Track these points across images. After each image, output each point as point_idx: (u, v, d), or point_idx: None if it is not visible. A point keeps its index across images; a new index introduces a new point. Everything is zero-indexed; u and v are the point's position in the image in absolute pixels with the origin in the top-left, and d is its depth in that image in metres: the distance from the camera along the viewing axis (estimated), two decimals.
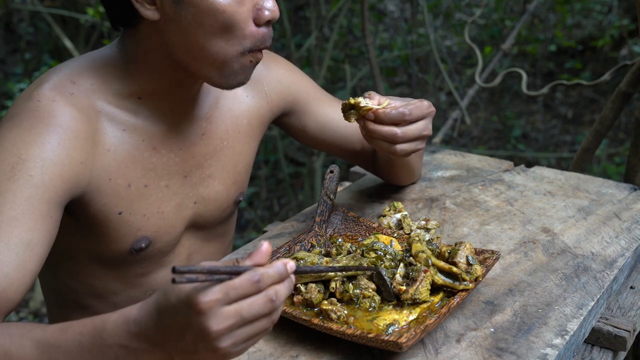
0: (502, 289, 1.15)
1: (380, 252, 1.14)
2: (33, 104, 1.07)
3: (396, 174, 1.49)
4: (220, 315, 0.76)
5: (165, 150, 1.20)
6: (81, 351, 0.84)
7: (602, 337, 1.12)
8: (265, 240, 0.82)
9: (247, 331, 0.78)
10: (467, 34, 2.78)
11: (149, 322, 0.80)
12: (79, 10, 4.57)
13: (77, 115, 1.08)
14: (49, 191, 1.02)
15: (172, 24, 1.06)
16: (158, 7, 1.05)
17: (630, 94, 1.79)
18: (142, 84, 1.15)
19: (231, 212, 1.38)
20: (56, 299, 1.32)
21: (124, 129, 1.15)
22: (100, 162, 1.12)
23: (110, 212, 1.15)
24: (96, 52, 1.19)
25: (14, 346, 0.87)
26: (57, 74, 1.12)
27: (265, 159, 4.64)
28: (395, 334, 0.98)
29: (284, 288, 0.79)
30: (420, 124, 1.18)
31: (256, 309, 0.77)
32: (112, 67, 1.14)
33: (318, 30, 3.90)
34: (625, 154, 4.24)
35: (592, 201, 1.46)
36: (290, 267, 0.80)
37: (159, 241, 1.22)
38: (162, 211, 1.21)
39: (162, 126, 1.19)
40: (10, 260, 0.95)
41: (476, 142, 4.93)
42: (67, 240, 1.18)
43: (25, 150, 1.02)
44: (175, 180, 1.22)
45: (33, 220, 0.99)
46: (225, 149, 1.30)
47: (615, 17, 5.31)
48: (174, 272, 0.74)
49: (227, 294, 0.76)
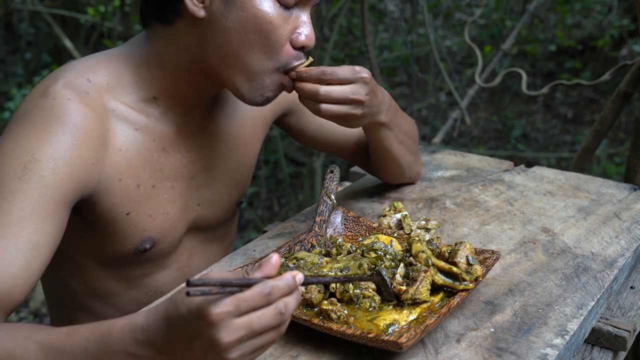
0: (502, 289, 1.15)
1: (381, 252, 1.14)
2: (48, 102, 1.06)
3: (383, 166, 1.47)
4: (231, 327, 0.76)
5: (173, 151, 1.20)
6: (86, 356, 0.84)
7: (602, 337, 1.12)
8: (275, 253, 0.83)
9: (256, 343, 0.79)
10: (467, 34, 2.78)
11: (157, 330, 0.80)
12: (79, 10, 4.57)
13: (91, 115, 1.08)
14: (58, 192, 1.01)
15: (216, 25, 1.07)
16: (206, 4, 1.06)
17: (630, 93, 1.79)
18: (161, 83, 1.15)
19: (233, 213, 1.38)
20: (57, 299, 1.32)
21: (136, 128, 1.14)
22: (110, 162, 1.11)
23: (118, 212, 1.15)
24: (114, 49, 1.18)
25: (18, 349, 0.87)
26: (71, 71, 1.11)
27: (265, 159, 4.64)
28: (395, 334, 0.98)
29: (293, 300, 0.80)
30: (346, 87, 1.14)
31: (266, 321, 0.78)
32: (130, 66, 1.14)
33: (318, 30, 3.90)
34: (625, 154, 4.24)
35: (592, 201, 1.46)
36: (299, 280, 0.81)
37: (163, 242, 1.22)
38: (167, 212, 1.21)
39: (173, 127, 1.19)
40: (18, 260, 0.95)
41: (476, 142, 4.93)
42: (71, 240, 1.18)
43: (39, 149, 1.01)
44: (181, 182, 1.22)
45: (41, 221, 0.99)
46: (230, 151, 1.30)
47: (616, 17, 5.31)
48: (188, 285, 0.75)
49: (238, 306, 0.76)
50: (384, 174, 1.51)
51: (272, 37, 1.07)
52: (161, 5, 1.10)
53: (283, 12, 1.07)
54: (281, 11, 1.07)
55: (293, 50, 1.11)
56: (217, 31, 1.07)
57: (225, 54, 1.09)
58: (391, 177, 1.52)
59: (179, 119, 1.19)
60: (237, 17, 1.05)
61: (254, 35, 1.06)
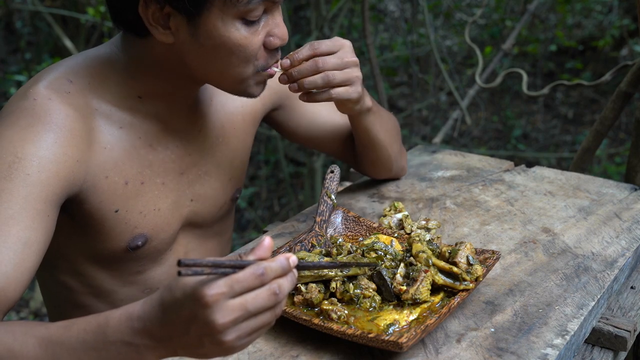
0: (502, 289, 1.15)
1: (381, 252, 1.14)
2: (29, 102, 1.06)
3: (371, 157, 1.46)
4: (225, 308, 0.76)
5: (161, 147, 1.20)
6: (85, 348, 0.84)
7: (602, 337, 1.12)
8: (267, 235, 0.83)
9: (251, 324, 0.79)
10: (467, 34, 2.78)
11: (153, 318, 0.80)
12: (79, 10, 4.57)
13: (73, 114, 1.08)
14: (45, 189, 1.02)
15: (189, 48, 1.07)
16: (173, 31, 1.06)
17: (630, 94, 1.79)
18: (144, 85, 1.15)
19: (228, 209, 1.38)
20: (54, 298, 1.32)
21: (121, 126, 1.15)
22: (96, 160, 1.12)
23: (107, 209, 1.15)
24: (94, 50, 1.18)
25: (17, 344, 0.87)
26: (53, 72, 1.12)
27: (265, 159, 4.65)
28: (396, 334, 0.98)
29: (287, 282, 0.80)
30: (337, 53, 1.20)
31: (260, 302, 0.78)
32: (111, 67, 1.14)
33: (318, 30, 3.90)
34: (625, 154, 4.24)
35: (592, 201, 1.46)
36: (293, 261, 0.81)
37: (156, 239, 1.23)
38: (158, 208, 1.21)
39: (159, 124, 1.19)
40: (9, 259, 0.95)
41: (477, 142, 4.93)
42: (63, 241, 1.18)
43: (22, 149, 1.02)
44: (172, 178, 1.23)
45: (30, 219, 0.99)
46: (220, 145, 1.30)
47: (616, 17, 5.31)
48: (179, 265, 0.75)
49: (232, 287, 0.77)
50: (371, 166, 1.50)
51: (245, 53, 1.08)
52: (129, 24, 1.09)
53: (250, 27, 1.07)
54: (248, 28, 1.06)
55: (269, 51, 1.12)
56: (191, 54, 1.08)
57: (204, 70, 1.11)
58: (379, 170, 1.52)
59: (165, 116, 1.19)
60: (207, 44, 1.06)
61: (227, 57, 1.07)
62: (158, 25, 1.05)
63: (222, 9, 1.02)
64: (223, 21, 1.04)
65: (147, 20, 1.04)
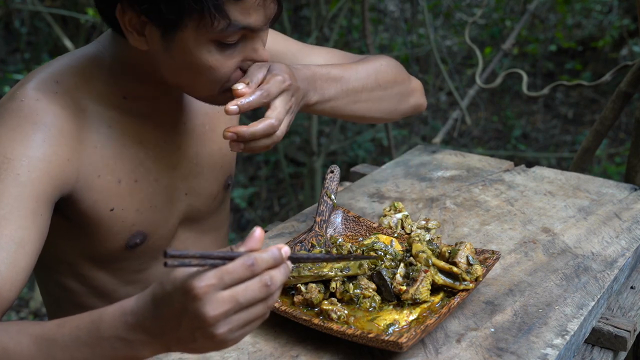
0: (502, 289, 1.15)
1: (381, 252, 1.14)
2: (16, 104, 1.06)
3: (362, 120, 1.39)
4: (215, 301, 0.76)
5: (151, 145, 1.20)
6: (79, 345, 0.84)
7: (602, 337, 1.12)
8: (258, 227, 0.81)
9: (243, 317, 0.78)
10: (467, 34, 2.78)
11: (146, 312, 0.80)
12: (79, 10, 4.57)
13: (62, 114, 1.08)
14: (36, 189, 1.02)
15: (162, 57, 1.07)
16: (147, 40, 1.06)
17: (630, 94, 1.79)
18: (128, 85, 1.15)
19: (222, 198, 1.37)
20: (54, 300, 1.32)
21: (110, 125, 1.15)
22: (87, 159, 1.12)
23: (102, 209, 1.15)
24: (81, 49, 1.18)
25: (12, 342, 0.87)
26: (40, 73, 1.12)
27: (265, 159, 4.65)
28: (396, 334, 0.98)
29: (280, 273, 0.79)
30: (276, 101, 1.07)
31: (251, 293, 0.77)
32: (97, 66, 1.14)
33: (318, 30, 3.90)
34: (625, 154, 4.24)
35: (592, 201, 1.46)
36: (285, 252, 0.80)
37: (154, 235, 1.23)
38: (154, 205, 1.21)
39: (147, 122, 1.19)
40: (2, 258, 0.95)
41: (476, 142, 4.93)
42: (62, 243, 1.18)
43: (11, 150, 1.02)
44: (165, 174, 1.23)
45: (23, 218, 0.98)
46: (207, 132, 1.30)
47: (616, 17, 5.31)
48: (165, 256, 0.74)
49: (222, 278, 0.76)
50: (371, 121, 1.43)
51: (215, 76, 1.06)
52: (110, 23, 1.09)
53: (224, 51, 1.04)
54: (222, 51, 1.04)
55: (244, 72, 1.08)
56: (164, 65, 1.08)
57: (175, 80, 1.10)
58: (383, 120, 1.45)
59: (152, 114, 1.19)
60: (179, 58, 1.05)
61: (196, 75, 1.06)
62: (134, 30, 1.05)
63: (197, 30, 1.01)
64: (196, 42, 1.02)
65: (124, 25, 1.04)
